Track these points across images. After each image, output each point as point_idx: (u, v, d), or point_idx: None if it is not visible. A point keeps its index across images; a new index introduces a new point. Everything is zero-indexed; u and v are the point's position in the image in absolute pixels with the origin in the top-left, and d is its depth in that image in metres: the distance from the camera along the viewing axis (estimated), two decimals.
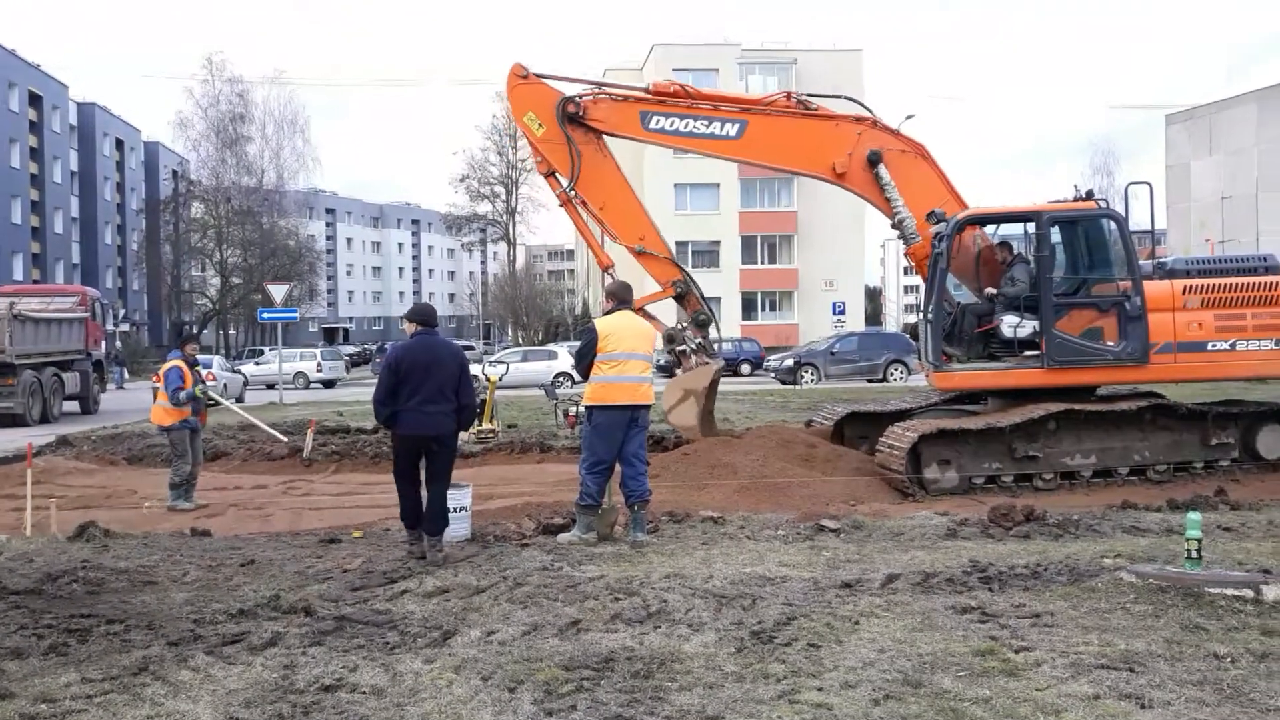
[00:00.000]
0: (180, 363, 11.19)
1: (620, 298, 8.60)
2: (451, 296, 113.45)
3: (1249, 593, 5.88)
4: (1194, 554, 6.30)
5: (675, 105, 12.42)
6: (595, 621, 5.74)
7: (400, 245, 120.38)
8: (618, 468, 8.25)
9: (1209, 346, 11.02)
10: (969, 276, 11.81)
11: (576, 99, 12.31)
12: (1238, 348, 11.05)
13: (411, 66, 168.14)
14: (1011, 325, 11.09)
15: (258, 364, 43.38)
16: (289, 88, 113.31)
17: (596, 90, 12.68)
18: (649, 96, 12.60)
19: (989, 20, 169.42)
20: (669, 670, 4.91)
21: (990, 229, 12.10)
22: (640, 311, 9.56)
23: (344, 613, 6.01)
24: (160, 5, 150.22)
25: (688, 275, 13.08)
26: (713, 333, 13.24)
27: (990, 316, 11.31)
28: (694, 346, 12.76)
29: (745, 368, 44.44)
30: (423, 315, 8.08)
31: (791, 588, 6.43)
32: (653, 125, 12.40)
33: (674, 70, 55.79)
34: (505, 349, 51.86)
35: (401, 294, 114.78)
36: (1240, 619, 5.55)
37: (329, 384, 43.53)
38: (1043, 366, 10.92)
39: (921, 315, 12.26)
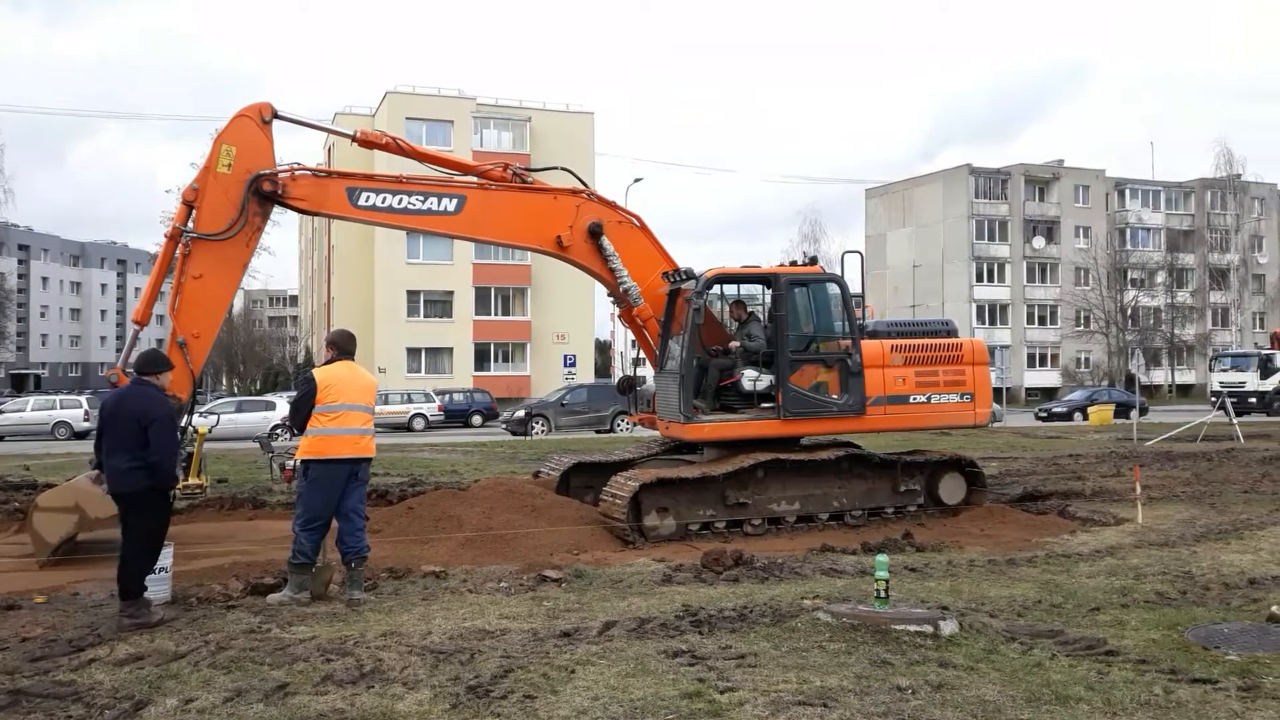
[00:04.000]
0: None
1: (341, 347, 8.39)
2: (160, 342, 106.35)
3: (929, 628, 6.43)
4: (882, 594, 6.81)
5: (385, 181, 11.69)
6: (304, 684, 5.53)
7: (104, 286, 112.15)
8: (335, 523, 8.02)
9: (911, 399, 12.13)
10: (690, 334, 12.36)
11: (274, 176, 10.89)
12: (933, 400, 12.23)
13: (124, 102, 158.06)
14: (751, 379, 11.69)
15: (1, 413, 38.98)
16: None
17: (295, 166, 11.30)
18: (355, 173, 12.03)
19: (713, 92, 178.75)
20: None
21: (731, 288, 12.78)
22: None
23: (20, 686, 5.50)
24: None
25: (194, 397, 11.36)
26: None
27: (733, 371, 11.87)
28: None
29: (477, 419, 44.22)
30: (140, 363, 7.73)
31: (511, 640, 6.45)
32: (362, 202, 11.44)
33: (407, 119, 55.45)
34: (219, 399, 49.11)
35: (104, 338, 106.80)
36: (921, 653, 6.05)
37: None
38: (779, 418, 11.58)
39: (656, 370, 12.68)
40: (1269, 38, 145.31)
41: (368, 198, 11.46)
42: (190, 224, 10.71)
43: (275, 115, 11.03)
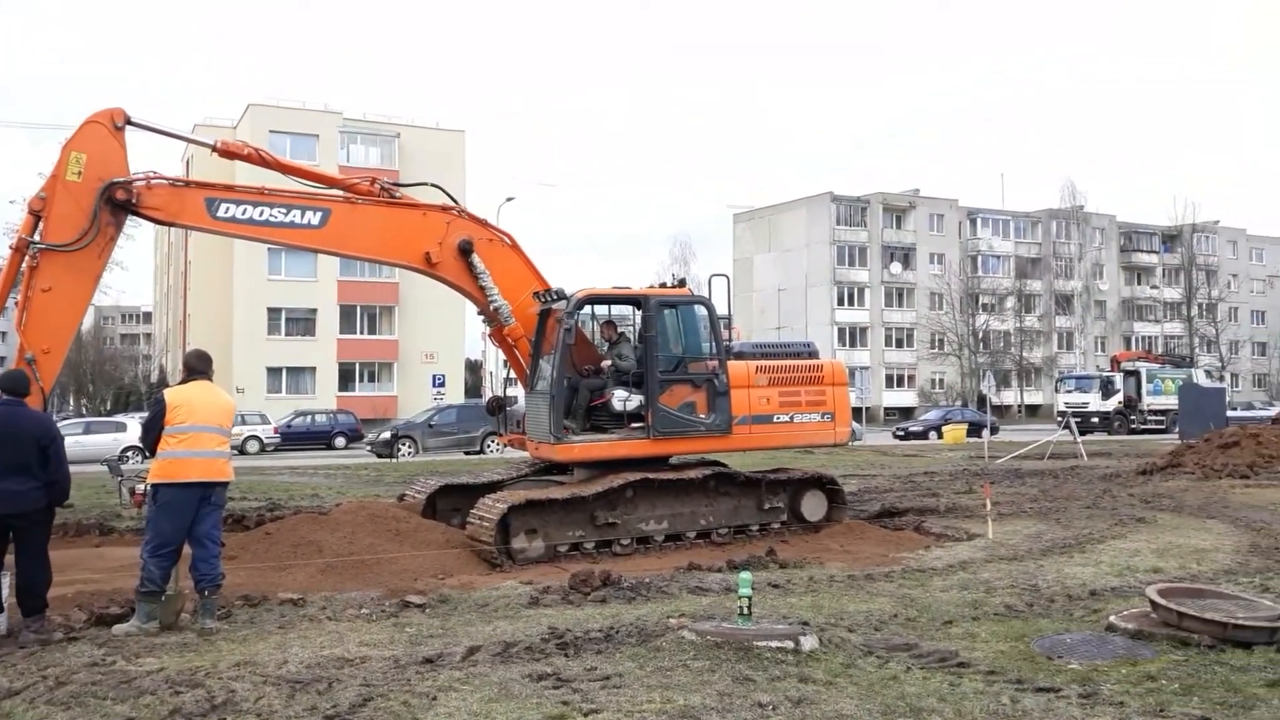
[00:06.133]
0: None
1: (196, 368, 8.14)
2: (3, 360, 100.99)
3: (790, 644, 6.54)
4: (746, 611, 6.90)
5: (246, 193, 11.29)
6: (151, 719, 5.30)
7: None
8: (188, 549, 7.73)
9: (775, 419, 12.37)
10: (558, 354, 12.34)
11: (128, 185, 10.41)
12: (795, 420, 12.50)
13: None
14: (621, 399, 11.72)
15: None
16: None
17: (151, 174, 10.76)
18: (214, 183, 11.58)
19: (584, 113, 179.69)
20: None
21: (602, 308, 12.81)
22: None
23: None
24: None
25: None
26: None
27: (603, 391, 11.89)
28: None
29: (340, 441, 43.20)
30: (8, 384, 7.64)
31: (371, 667, 6.31)
32: (222, 214, 11.01)
33: (271, 132, 54.04)
34: (66, 419, 46.81)
35: None
36: (782, 669, 6.15)
37: None
38: (648, 437, 11.63)
39: (527, 391, 12.60)
40: (1109, 82, 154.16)
41: (227, 209, 11.05)
42: (38, 235, 10.16)
43: (128, 121, 10.55)
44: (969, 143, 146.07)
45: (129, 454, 29.77)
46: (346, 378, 58.44)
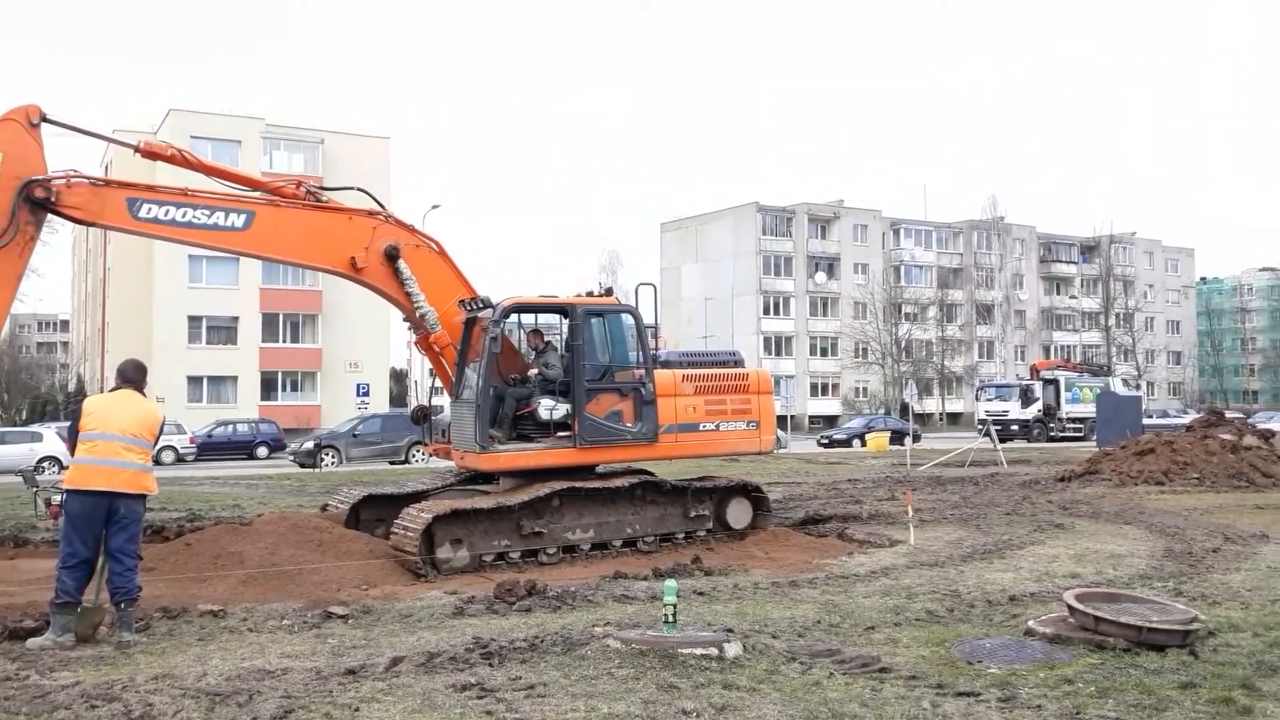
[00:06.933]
0: None
1: (126, 376, 8.06)
2: None
3: (714, 651, 6.60)
4: (670, 618, 6.95)
5: (168, 193, 11.02)
6: None
7: None
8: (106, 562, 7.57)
9: (701, 427, 12.45)
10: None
11: (48, 183, 10.13)
12: (722, 428, 12.59)
13: None
14: (548, 408, 11.69)
15: None
16: None
17: (71, 173, 10.49)
18: (137, 183, 11.27)
19: (512, 124, 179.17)
20: None
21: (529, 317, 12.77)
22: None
23: None
24: None
25: None
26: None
27: (530, 400, 11.85)
28: None
29: (263, 450, 42.45)
30: None
31: (293, 679, 6.23)
32: (143, 214, 10.73)
33: (192, 138, 52.86)
34: None
35: None
36: (707, 676, 6.20)
37: None
38: (575, 446, 11.62)
39: (452, 399, 12.52)
40: (1029, 93, 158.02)
41: (149, 209, 10.79)
42: None
43: (44, 119, 10.23)
44: (893, 154, 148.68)
45: (44, 464, 28.98)
46: (269, 387, 57.43)
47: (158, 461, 36.78)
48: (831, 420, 71.22)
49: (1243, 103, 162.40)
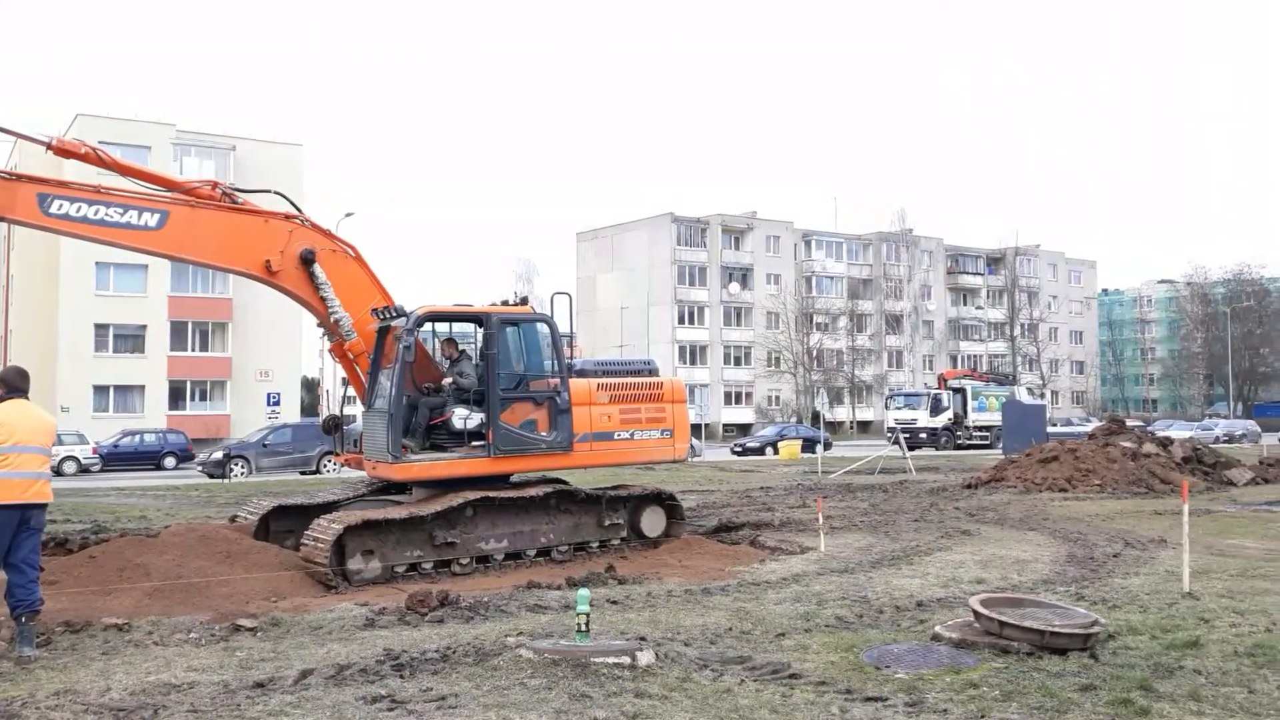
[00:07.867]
0: None
1: (16, 385, 7.78)
2: None
3: (627, 659, 6.65)
4: (584, 627, 6.99)
5: (81, 190, 10.79)
6: None
7: None
8: (5, 575, 7.35)
9: (616, 436, 12.56)
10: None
11: None
12: (636, 437, 12.72)
13: None
14: (462, 417, 11.63)
15: None
16: None
17: None
18: (48, 178, 11.01)
19: (427, 133, 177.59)
20: None
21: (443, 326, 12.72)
22: None
23: None
24: None
25: None
26: None
27: (444, 409, 11.77)
28: None
29: (170, 461, 41.48)
30: None
31: (199, 693, 6.13)
32: (54, 210, 10.49)
33: (100, 143, 51.13)
34: None
35: None
36: (619, 684, 6.25)
37: None
38: (489, 455, 11.60)
39: (365, 408, 12.36)
40: (938, 106, 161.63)
41: (61, 205, 10.52)
42: None
43: None
44: (804, 167, 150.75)
45: None
46: (177, 396, 55.92)
47: (58, 473, 35.88)
48: (745, 429, 71.85)
49: (1144, 118, 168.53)
